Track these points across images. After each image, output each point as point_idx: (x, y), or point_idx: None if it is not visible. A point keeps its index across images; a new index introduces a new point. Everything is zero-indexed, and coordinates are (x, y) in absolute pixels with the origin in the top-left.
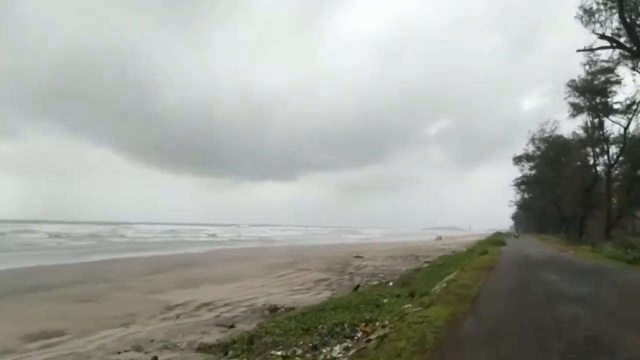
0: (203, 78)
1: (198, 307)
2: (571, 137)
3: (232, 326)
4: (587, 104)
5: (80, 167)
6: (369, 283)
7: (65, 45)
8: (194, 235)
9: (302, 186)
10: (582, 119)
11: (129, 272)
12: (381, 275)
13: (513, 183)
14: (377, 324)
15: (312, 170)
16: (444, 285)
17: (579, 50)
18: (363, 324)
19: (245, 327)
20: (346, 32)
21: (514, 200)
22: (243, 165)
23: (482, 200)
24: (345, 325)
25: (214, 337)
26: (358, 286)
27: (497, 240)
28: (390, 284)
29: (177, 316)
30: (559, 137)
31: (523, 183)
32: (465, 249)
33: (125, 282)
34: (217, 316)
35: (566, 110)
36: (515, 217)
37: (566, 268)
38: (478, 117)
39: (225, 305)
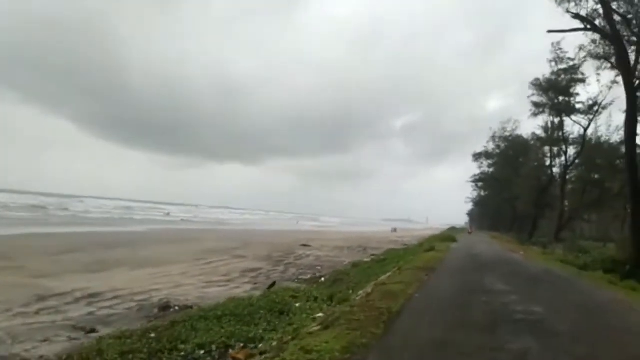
0: (172, 52)
1: (78, 299)
2: (531, 137)
3: (92, 331)
4: (550, 102)
5: (34, 137)
6: (300, 277)
7: (25, 7)
8: (146, 214)
9: (267, 171)
10: (543, 119)
11: (39, 250)
12: (319, 267)
13: (470, 179)
14: (260, 346)
15: (277, 155)
16: (369, 290)
17: (549, 31)
18: (239, 347)
19: (112, 330)
20: (321, 18)
21: (470, 197)
22: (208, 145)
23: (441, 195)
24: (214, 347)
25: (52, 347)
26: (274, 283)
27: (448, 235)
28: (323, 279)
29: (38, 311)
30: (519, 136)
31: (480, 180)
32: (416, 243)
33: (23, 261)
34: (91, 313)
35: (528, 112)
36: (470, 214)
37: (516, 273)
38: (444, 114)
39: (116, 297)
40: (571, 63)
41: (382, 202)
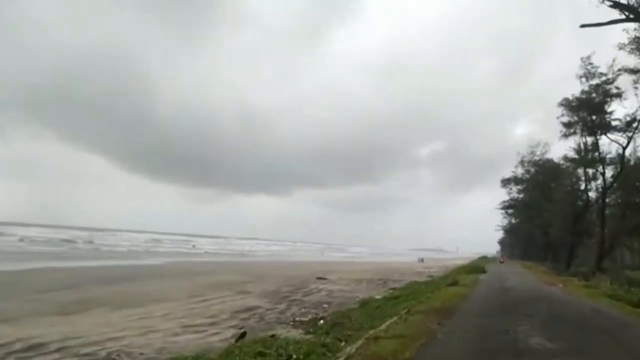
0: (198, 87)
1: (11, 353)
2: (562, 161)
3: None
4: (582, 122)
5: (69, 173)
6: (298, 319)
7: (58, 47)
8: (173, 246)
9: (293, 202)
10: (575, 140)
11: (29, 287)
12: (326, 305)
13: (500, 206)
14: None
15: (304, 186)
16: (352, 350)
17: (583, 26)
18: None
19: None
20: (343, 48)
21: (500, 224)
22: (235, 177)
23: (471, 224)
24: None
25: None
26: (244, 334)
27: (477, 266)
28: (322, 321)
29: None
30: (549, 160)
31: (510, 207)
32: (442, 274)
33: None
34: None
35: (558, 135)
36: (501, 242)
37: (558, 316)
38: (470, 141)
39: (60, 349)
40: (604, 78)
41: (411, 232)
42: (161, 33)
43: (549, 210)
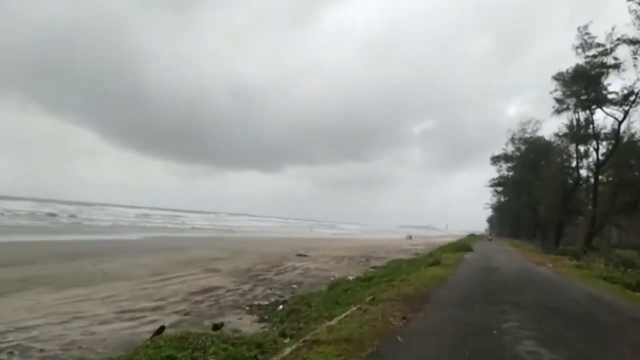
0: (189, 61)
1: None
2: (553, 138)
3: None
4: (576, 96)
5: (57, 146)
6: (257, 303)
7: (44, 17)
8: (162, 221)
9: (285, 178)
10: (567, 116)
11: None
12: (295, 286)
13: (489, 183)
14: None
15: (296, 163)
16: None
17: None
18: None
19: None
20: (337, 25)
21: (489, 202)
22: (225, 153)
23: (460, 201)
24: None
25: None
26: (162, 329)
27: (463, 244)
28: (281, 307)
29: None
30: (540, 138)
31: (499, 184)
32: (428, 252)
33: None
34: None
35: (550, 112)
36: (490, 220)
37: (553, 308)
38: (462, 120)
39: None
40: (601, 49)
41: (402, 209)
42: (147, 5)
43: (539, 188)
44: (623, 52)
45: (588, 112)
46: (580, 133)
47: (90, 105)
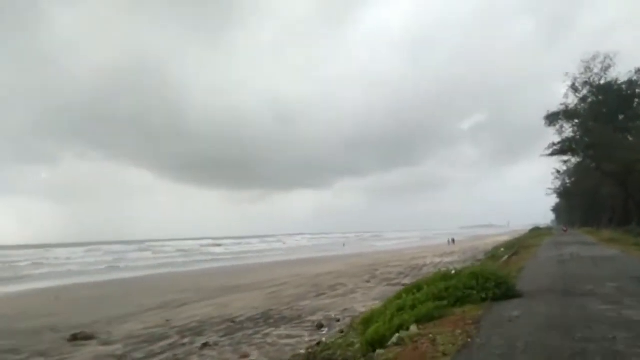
0: (228, 86)
1: None
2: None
3: None
4: None
5: (115, 188)
6: None
7: (91, 66)
8: (199, 253)
9: (335, 193)
10: None
11: None
12: None
13: (547, 152)
14: None
15: (345, 176)
16: None
17: None
18: None
19: None
20: (371, 27)
21: (552, 187)
22: (275, 174)
23: (521, 195)
24: None
25: None
26: None
27: (525, 241)
28: None
29: None
30: (615, 80)
31: (565, 151)
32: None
33: None
34: None
35: None
36: (555, 209)
37: None
38: (511, 109)
39: None
40: None
41: (460, 210)
42: (180, 39)
43: (630, 148)
44: None
45: None
46: None
47: (142, 146)
